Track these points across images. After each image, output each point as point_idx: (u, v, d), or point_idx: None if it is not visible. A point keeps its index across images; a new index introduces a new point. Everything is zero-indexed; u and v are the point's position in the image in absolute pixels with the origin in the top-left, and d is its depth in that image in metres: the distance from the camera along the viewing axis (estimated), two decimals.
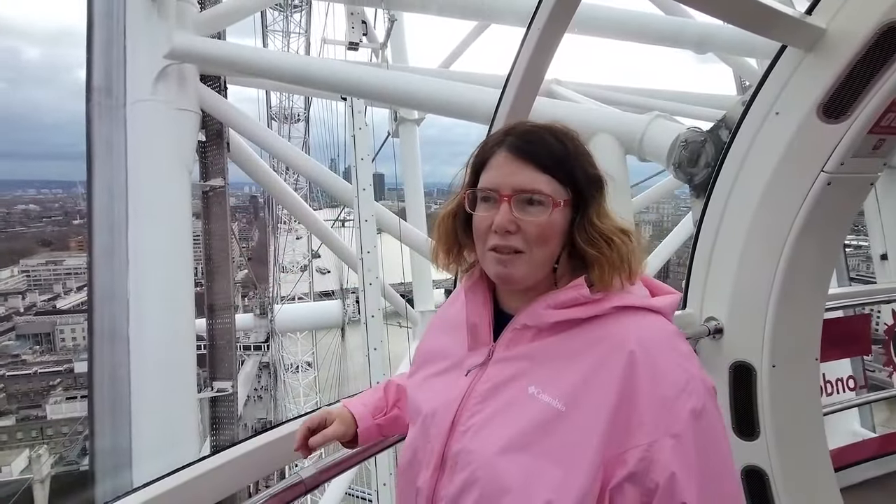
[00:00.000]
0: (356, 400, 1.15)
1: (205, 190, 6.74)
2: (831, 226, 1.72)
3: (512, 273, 0.89)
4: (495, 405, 0.88)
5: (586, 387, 0.83)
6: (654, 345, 0.84)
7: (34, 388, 43.66)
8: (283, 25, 23.97)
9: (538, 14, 1.42)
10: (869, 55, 1.56)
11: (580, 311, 0.88)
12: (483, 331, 0.96)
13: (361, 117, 6.58)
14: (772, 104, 1.71)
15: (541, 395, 0.85)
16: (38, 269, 61.57)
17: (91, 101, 5.37)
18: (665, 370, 0.82)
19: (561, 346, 0.89)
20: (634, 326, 0.86)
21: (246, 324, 13.26)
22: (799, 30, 1.63)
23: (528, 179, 0.88)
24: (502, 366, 0.91)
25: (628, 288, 0.90)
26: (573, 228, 0.90)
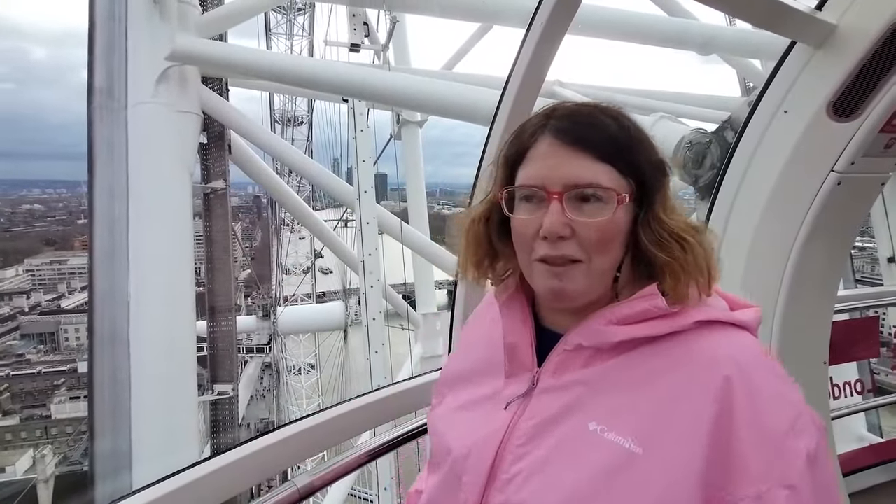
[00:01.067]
0: None
1: (206, 192, 6.74)
2: (841, 227, 1.67)
3: (567, 288, 0.72)
4: (547, 447, 0.71)
5: (668, 421, 0.66)
6: (754, 368, 0.67)
7: (38, 388, 43.87)
8: (286, 28, 24.08)
9: (538, 14, 1.39)
10: (881, 52, 1.52)
11: (654, 327, 0.71)
12: (524, 353, 0.79)
13: (363, 119, 6.56)
14: (780, 102, 1.67)
15: (607, 434, 0.68)
16: (43, 268, 61.73)
17: (93, 103, 5.38)
18: (770, 400, 0.66)
19: (627, 370, 0.71)
20: (725, 345, 0.70)
21: (248, 326, 13.27)
22: (809, 26, 1.59)
23: (584, 170, 0.71)
24: (551, 396, 0.74)
25: (705, 299, 0.74)
26: (637, 228, 0.74)
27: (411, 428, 1.16)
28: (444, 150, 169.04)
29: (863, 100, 1.57)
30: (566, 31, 1.40)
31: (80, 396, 37.90)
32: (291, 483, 0.99)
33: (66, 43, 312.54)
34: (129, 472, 4.62)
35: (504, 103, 1.50)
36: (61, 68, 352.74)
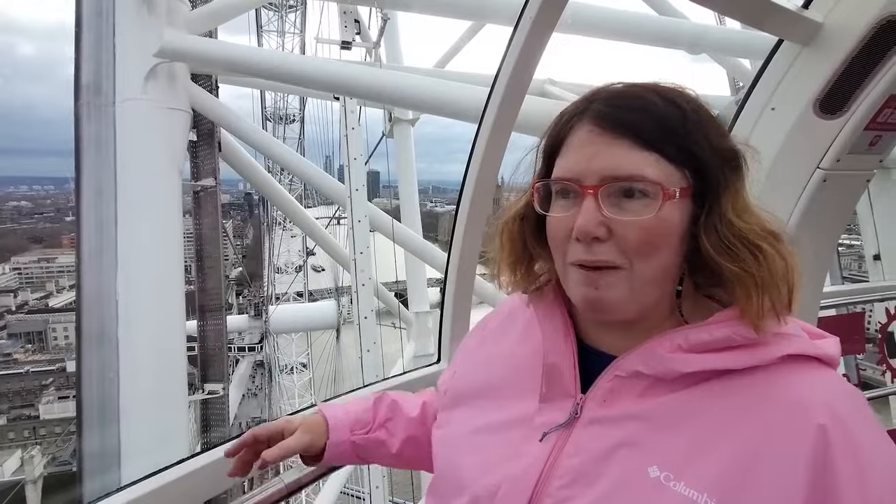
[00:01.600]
0: (336, 405, 0.92)
1: (196, 190, 6.68)
2: (827, 223, 1.69)
3: (604, 297, 0.62)
4: (597, 492, 0.59)
5: (750, 475, 0.55)
6: (852, 417, 0.56)
7: (26, 388, 43.28)
8: (278, 25, 23.91)
9: (526, 12, 1.39)
10: (866, 50, 1.54)
11: (735, 359, 0.59)
12: (566, 376, 0.67)
13: (354, 117, 6.53)
14: (768, 99, 1.69)
15: (674, 484, 0.56)
16: (31, 266, 60.65)
17: (79, 100, 5.30)
18: (873, 457, 0.55)
19: (699, 407, 0.60)
20: (817, 387, 0.58)
21: (240, 325, 13.19)
22: (796, 24, 1.60)
23: (624, 160, 0.60)
24: (600, 430, 0.63)
25: (783, 326, 0.62)
26: (698, 230, 0.62)
27: None
28: (438, 147, 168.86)
29: (848, 97, 1.59)
30: (553, 28, 1.40)
31: (69, 396, 37.49)
32: (279, 479, 0.98)
33: (56, 37, 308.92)
34: (117, 471, 4.57)
35: (492, 101, 1.50)
36: (51, 63, 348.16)
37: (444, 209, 56.93)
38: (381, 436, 0.90)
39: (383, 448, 0.90)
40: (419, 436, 0.90)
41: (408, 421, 0.92)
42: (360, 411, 0.91)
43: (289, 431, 0.85)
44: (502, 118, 1.50)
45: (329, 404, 0.92)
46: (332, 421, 0.88)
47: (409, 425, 0.92)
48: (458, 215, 1.60)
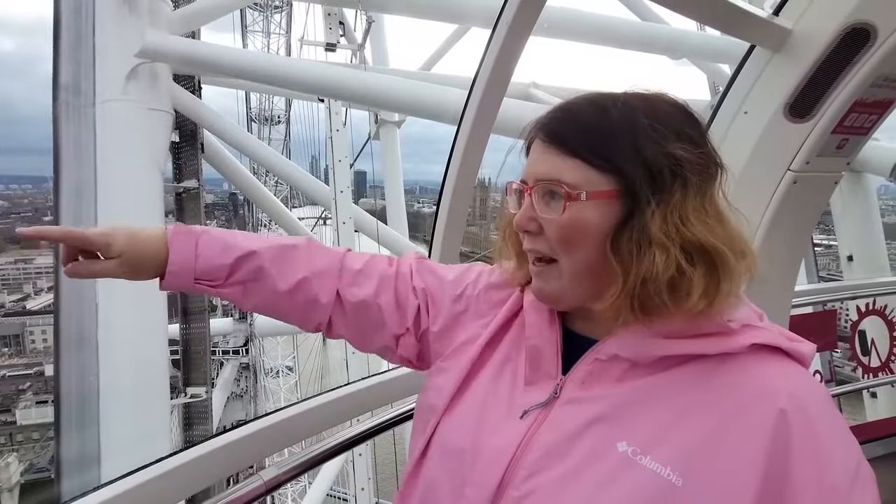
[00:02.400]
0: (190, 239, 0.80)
1: (178, 191, 6.59)
2: (797, 223, 1.75)
3: (544, 289, 0.70)
4: (567, 465, 0.63)
5: (713, 452, 0.58)
6: (814, 408, 0.59)
7: (3, 392, 41.91)
8: (263, 26, 23.71)
9: (503, 14, 1.42)
10: (833, 55, 1.59)
11: (706, 345, 0.63)
12: (548, 359, 0.72)
13: (339, 119, 6.52)
14: (741, 103, 1.74)
15: (641, 458, 0.60)
16: (7, 267, 58.19)
17: (58, 100, 5.20)
18: (831, 447, 0.58)
19: (669, 389, 0.63)
20: (784, 377, 0.62)
21: (225, 328, 13.02)
22: (766, 30, 1.65)
23: (550, 166, 0.68)
24: (576, 408, 0.67)
25: (755, 320, 0.66)
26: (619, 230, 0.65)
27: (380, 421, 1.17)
28: (424, 147, 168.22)
29: (816, 102, 1.65)
30: (531, 28, 1.42)
31: (47, 401, 36.31)
32: (258, 476, 0.99)
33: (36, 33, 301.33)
34: (97, 477, 4.49)
35: (471, 103, 1.52)
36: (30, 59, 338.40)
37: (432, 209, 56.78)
38: (233, 292, 0.84)
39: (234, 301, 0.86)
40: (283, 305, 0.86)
41: (272, 292, 0.84)
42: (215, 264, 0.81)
43: (106, 253, 0.77)
44: (482, 118, 1.52)
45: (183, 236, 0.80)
46: (175, 265, 0.79)
47: (273, 295, 0.84)
48: (437, 215, 1.62)
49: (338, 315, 0.88)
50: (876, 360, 2.57)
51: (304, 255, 0.87)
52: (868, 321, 2.64)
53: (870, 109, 1.67)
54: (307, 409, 1.16)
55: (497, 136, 1.62)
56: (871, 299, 2.59)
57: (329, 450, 1.09)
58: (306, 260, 0.87)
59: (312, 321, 0.89)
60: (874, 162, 4.57)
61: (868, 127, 1.73)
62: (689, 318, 0.63)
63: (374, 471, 5.69)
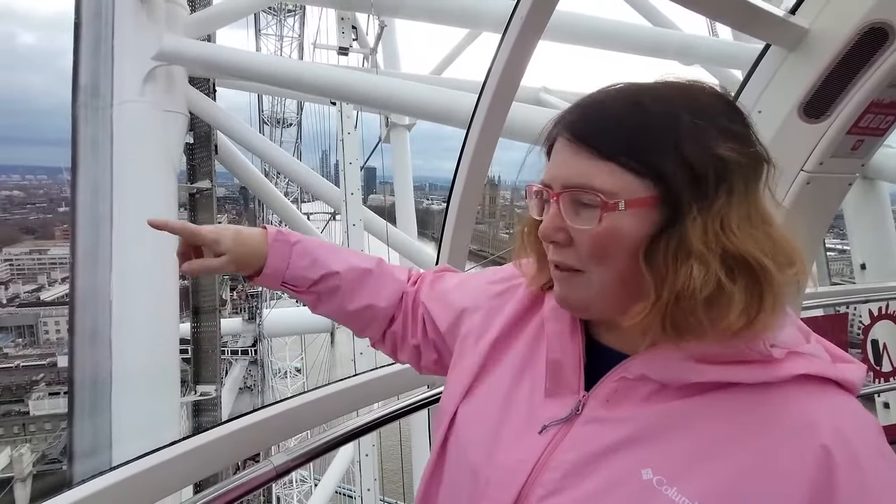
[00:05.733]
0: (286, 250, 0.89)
1: (191, 192, 6.68)
2: (810, 225, 1.73)
3: (570, 297, 0.65)
4: (588, 487, 0.59)
5: (745, 493, 0.54)
6: (862, 446, 0.54)
7: (16, 383, 42.13)
8: (276, 29, 24.01)
9: (514, 16, 1.43)
10: (850, 55, 1.58)
11: (747, 373, 0.57)
12: (569, 373, 0.68)
13: (351, 122, 6.57)
14: (755, 103, 1.73)
15: (666, 489, 0.56)
16: (22, 258, 58.49)
17: (77, 101, 5.32)
18: (879, 491, 0.52)
19: (701, 418, 0.58)
20: (829, 410, 0.56)
21: (234, 327, 13.12)
22: (782, 29, 1.64)
23: (581, 170, 0.61)
24: (599, 429, 0.62)
25: (805, 346, 0.61)
26: (654, 241, 0.60)
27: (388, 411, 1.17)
28: (434, 144, 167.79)
29: (832, 102, 1.63)
30: (542, 31, 1.43)
31: (60, 392, 36.44)
32: (269, 462, 1.00)
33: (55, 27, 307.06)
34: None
35: (480, 106, 1.53)
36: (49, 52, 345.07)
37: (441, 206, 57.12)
38: (310, 299, 0.93)
39: (308, 304, 0.94)
40: (347, 320, 0.96)
41: (339, 307, 0.93)
42: (301, 275, 0.89)
43: (217, 251, 0.86)
44: (491, 121, 1.52)
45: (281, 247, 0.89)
46: (269, 268, 0.88)
47: (340, 309, 0.94)
48: (447, 217, 1.63)
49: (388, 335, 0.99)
50: (888, 365, 2.53)
51: (374, 282, 0.95)
52: (880, 325, 2.59)
53: (886, 110, 1.65)
54: (315, 398, 1.17)
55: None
56: (884, 303, 2.55)
57: (338, 438, 1.10)
58: (375, 288, 0.95)
59: (365, 334, 1.00)
60: (888, 169, 4.50)
61: (884, 128, 1.71)
62: (726, 340, 0.57)
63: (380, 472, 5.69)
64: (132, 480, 0.93)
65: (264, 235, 0.89)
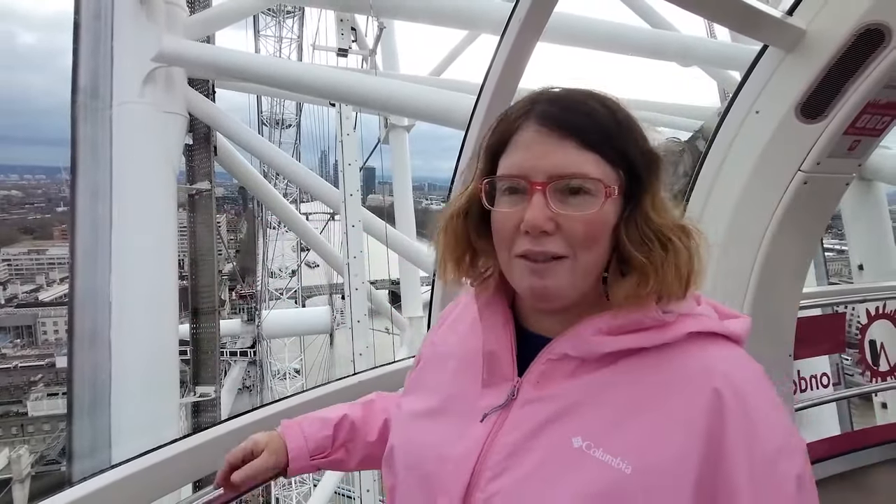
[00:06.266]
0: (297, 428, 0.94)
1: (191, 193, 6.68)
2: (807, 224, 1.74)
3: (549, 286, 0.66)
4: (528, 464, 0.66)
5: (658, 440, 0.62)
6: (746, 385, 0.64)
7: (14, 383, 41.81)
8: (275, 31, 24.01)
9: (514, 17, 1.43)
10: (846, 56, 1.59)
11: (646, 338, 0.66)
12: (504, 362, 0.73)
13: (350, 123, 6.58)
14: (752, 103, 1.74)
15: (594, 451, 0.63)
16: (20, 257, 58.05)
17: (76, 102, 5.32)
18: (761, 420, 0.62)
19: (616, 383, 0.66)
20: (718, 359, 0.65)
21: (233, 329, 13.11)
22: (780, 30, 1.65)
23: (571, 160, 0.65)
24: (533, 409, 0.69)
25: (694, 307, 0.70)
26: (621, 224, 0.67)
27: None
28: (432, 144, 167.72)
29: (829, 102, 1.64)
30: (541, 31, 1.44)
31: (59, 393, 36.17)
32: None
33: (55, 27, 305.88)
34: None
35: (479, 106, 1.54)
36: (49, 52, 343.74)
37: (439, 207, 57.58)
38: (340, 456, 0.96)
39: (342, 465, 0.97)
40: (376, 453, 0.95)
41: (365, 444, 0.97)
42: (320, 438, 0.94)
43: (257, 452, 0.90)
44: (489, 122, 1.53)
45: (290, 428, 0.95)
46: (293, 451, 0.92)
47: (367, 446, 0.97)
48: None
49: None
50: (885, 365, 2.53)
51: (380, 406, 1.00)
52: (877, 325, 2.60)
53: (883, 111, 1.66)
54: (314, 397, 1.17)
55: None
56: (881, 303, 2.55)
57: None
58: (382, 409, 0.99)
59: None
60: (886, 170, 4.52)
61: (881, 129, 1.72)
62: (632, 310, 0.67)
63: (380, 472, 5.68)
64: (132, 478, 0.93)
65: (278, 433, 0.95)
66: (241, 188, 13.12)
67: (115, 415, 4.66)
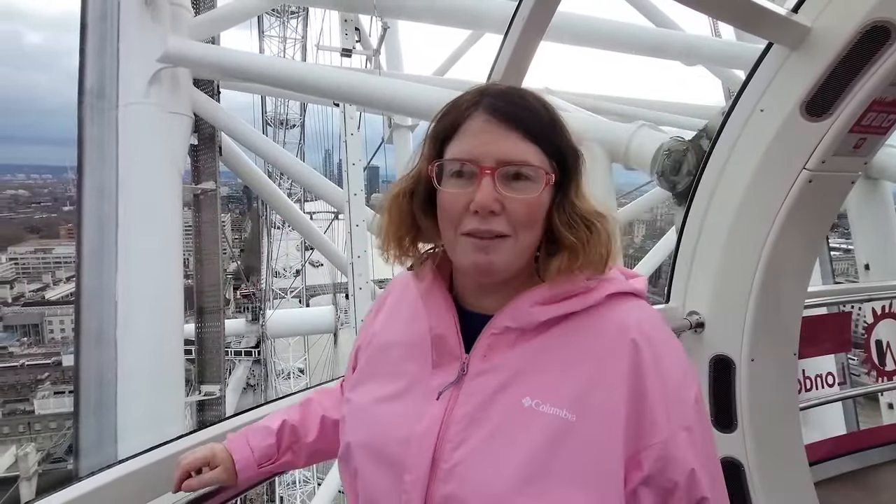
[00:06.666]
0: (242, 441, 0.98)
1: (196, 193, 6.71)
2: (812, 223, 1.73)
3: (494, 261, 0.74)
4: (486, 429, 0.72)
5: (594, 388, 0.72)
6: (653, 331, 0.77)
7: (21, 382, 42.23)
8: (279, 31, 24.08)
9: (515, 21, 1.44)
10: (852, 53, 1.58)
11: (576, 303, 0.76)
12: (451, 342, 0.79)
13: (354, 123, 6.59)
14: (757, 101, 1.73)
15: (541, 407, 0.72)
16: (27, 257, 58.83)
17: (83, 103, 5.36)
18: (667, 358, 0.75)
19: (552, 346, 0.76)
20: (630, 314, 0.77)
21: (238, 328, 13.16)
22: (785, 27, 1.64)
23: (517, 149, 0.73)
24: (483, 380, 0.76)
25: (609, 272, 0.80)
26: (552, 209, 0.77)
27: None
28: None
29: (834, 100, 1.63)
30: (545, 30, 1.44)
31: (65, 391, 36.47)
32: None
33: (59, 27, 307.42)
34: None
35: None
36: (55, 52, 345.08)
37: None
38: (287, 459, 1.01)
39: (291, 466, 1.03)
40: (321, 447, 1.02)
41: (307, 443, 1.02)
42: (264, 447, 0.98)
43: (213, 464, 0.95)
44: None
45: (236, 442, 0.99)
46: (239, 463, 0.96)
47: (310, 444, 1.02)
48: None
49: None
50: (891, 365, 2.51)
51: (317, 404, 1.05)
52: (884, 324, 2.58)
53: (888, 108, 1.65)
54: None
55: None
56: (887, 302, 2.54)
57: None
58: (318, 408, 1.04)
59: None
60: (892, 169, 4.48)
61: (887, 126, 1.71)
62: (561, 282, 0.77)
63: None
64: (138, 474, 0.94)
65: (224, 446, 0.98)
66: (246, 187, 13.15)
67: (122, 412, 4.69)
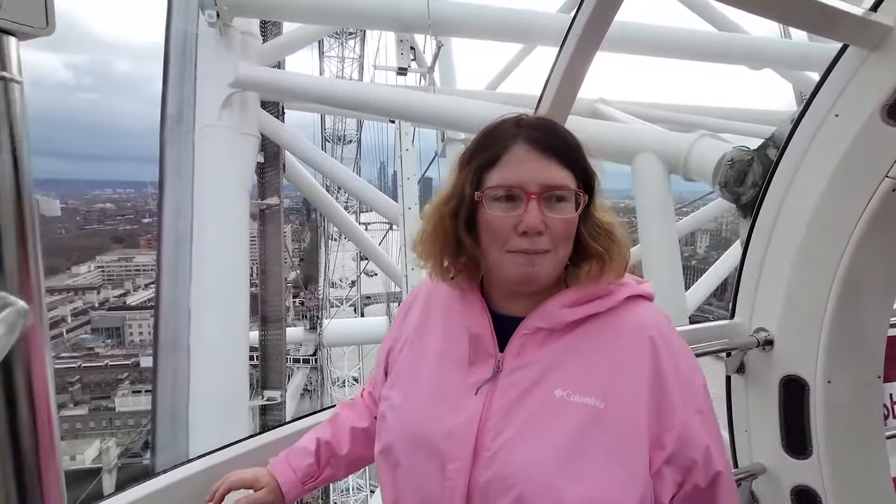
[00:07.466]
0: (284, 465, 1.07)
1: (262, 208, 7.11)
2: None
3: (539, 273, 0.84)
4: (523, 419, 0.82)
5: (619, 379, 0.83)
6: (665, 328, 0.88)
7: (105, 380, 46.01)
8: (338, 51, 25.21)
9: (572, 30, 1.44)
10: None
11: (599, 305, 0.86)
12: (487, 341, 0.89)
13: (408, 139, 6.76)
14: (831, 106, 1.63)
15: (572, 397, 0.81)
16: (112, 265, 64.42)
17: (165, 128, 5.85)
18: (679, 351, 0.87)
19: (580, 343, 0.86)
20: (646, 315, 0.88)
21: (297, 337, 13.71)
22: (863, 28, 1.55)
23: (556, 175, 0.84)
24: (517, 375, 0.85)
25: (623, 278, 0.91)
26: (580, 223, 0.87)
27: None
28: None
29: None
30: (599, 45, 1.44)
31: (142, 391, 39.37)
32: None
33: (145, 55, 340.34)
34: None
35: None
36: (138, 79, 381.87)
37: None
38: (328, 474, 1.09)
39: (333, 479, 1.11)
40: (358, 455, 1.10)
41: (343, 456, 1.10)
42: (305, 466, 1.07)
43: (259, 486, 1.04)
44: None
45: (278, 466, 1.07)
46: (285, 486, 1.04)
47: (346, 456, 1.10)
48: None
49: None
50: None
51: (344, 418, 1.13)
52: None
53: None
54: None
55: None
56: None
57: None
58: (346, 421, 1.13)
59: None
60: None
61: None
62: (585, 287, 0.87)
63: None
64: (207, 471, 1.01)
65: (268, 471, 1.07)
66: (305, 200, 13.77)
67: (193, 413, 5.00)
